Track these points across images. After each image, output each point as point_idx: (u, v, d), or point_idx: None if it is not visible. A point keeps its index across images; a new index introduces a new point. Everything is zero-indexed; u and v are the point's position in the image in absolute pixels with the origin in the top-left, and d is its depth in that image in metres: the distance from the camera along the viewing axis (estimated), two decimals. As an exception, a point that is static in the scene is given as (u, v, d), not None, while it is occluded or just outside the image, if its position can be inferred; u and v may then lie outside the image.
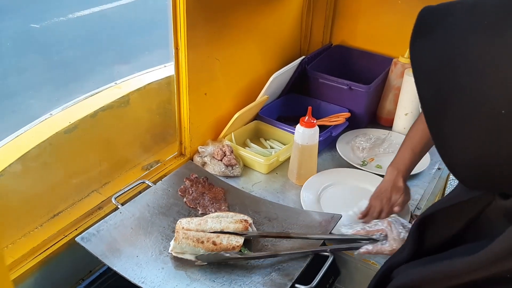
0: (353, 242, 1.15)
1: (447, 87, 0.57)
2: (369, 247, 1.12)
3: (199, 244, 1.13)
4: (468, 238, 0.73)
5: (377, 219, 1.22)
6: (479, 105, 0.55)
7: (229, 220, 1.20)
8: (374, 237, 1.13)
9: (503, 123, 0.53)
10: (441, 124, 0.60)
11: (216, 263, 1.14)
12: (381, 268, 0.92)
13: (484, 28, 0.54)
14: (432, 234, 0.81)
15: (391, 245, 1.10)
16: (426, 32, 0.60)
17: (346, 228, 1.18)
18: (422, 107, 0.63)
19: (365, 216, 1.26)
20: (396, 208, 1.24)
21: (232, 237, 1.15)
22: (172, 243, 1.15)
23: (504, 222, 0.66)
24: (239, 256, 1.13)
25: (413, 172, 1.53)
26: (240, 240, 1.15)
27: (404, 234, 1.09)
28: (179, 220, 1.20)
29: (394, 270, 0.85)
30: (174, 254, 1.15)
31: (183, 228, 1.16)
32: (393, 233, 1.10)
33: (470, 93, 0.55)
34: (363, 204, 1.27)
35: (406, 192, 1.27)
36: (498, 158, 0.56)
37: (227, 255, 1.12)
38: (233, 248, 1.13)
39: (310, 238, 1.19)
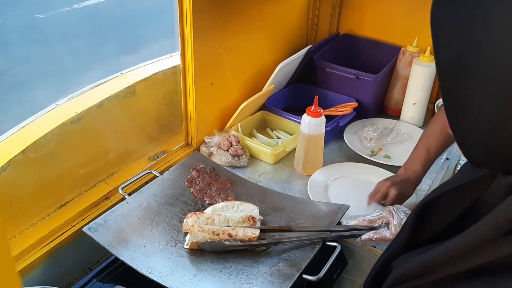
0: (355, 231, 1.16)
1: (468, 51, 0.55)
2: (370, 233, 1.13)
3: (215, 237, 1.13)
4: (466, 225, 0.72)
5: (381, 200, 1.27)
6: (500, 72, 0.53)
7: (236, 219, 1.19)
8: (375, 225, 1.14)
9: None
10: (456, 91, 0.58)
11: (218, 252, 1.14)
12: (378, 259, 0.90)
13: None
14: (431, 220, 0.78)
15: (392, 232, 1.10)
16: None
17: (348, 219, 1.19)
18: (438, 72, 0.60)
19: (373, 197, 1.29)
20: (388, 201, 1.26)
21: (248, 229, 1.16)
22: (188, 237, 1.15)
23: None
24: (240, 243, 1.13)
25: (421, 162, 1.53)
26: (256, 232, 1.15)
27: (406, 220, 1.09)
28: (185, 220, 1.20)
29: (393, 261, 0.83)
30: (189, 248, 1.15)
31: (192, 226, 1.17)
32: (395, 220, 1.11)
33: (492, 59, 0.54)
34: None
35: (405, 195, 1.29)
36: None
37: (227, 243, 1.12)
38: (249, 239, 1.14)
39: (313, 231, 1.18)
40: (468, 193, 0.72)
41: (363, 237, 1.13)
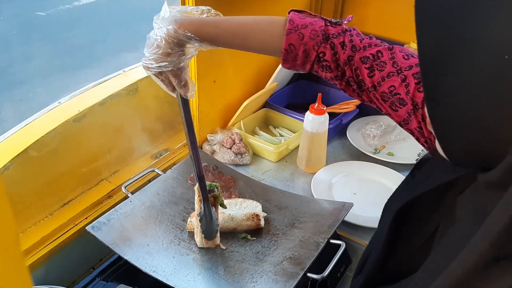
0: None
1: (453, 38, 0.51)
2: None
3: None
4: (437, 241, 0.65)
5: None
6: (483, 52, 0.48)
7: (240, 217, 1.20)
8: None
9: (506, 74, 0.47)
10: (438, 82, 0.53)
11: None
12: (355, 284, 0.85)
13: None
14: (408, 232, 0.72)
15: None
16: None
17: None
18: (420, 62, 0.55)
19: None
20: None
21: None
22: (197, 238, 1.15)
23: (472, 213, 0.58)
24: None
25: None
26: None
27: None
28: (189, 220, 1.20)
29: None
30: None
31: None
32: None
33: (476, 42, 0.49)
34: None
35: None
36: (497, 118, 0.50)
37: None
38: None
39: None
40: (446, 195, 0.67)
41: None
